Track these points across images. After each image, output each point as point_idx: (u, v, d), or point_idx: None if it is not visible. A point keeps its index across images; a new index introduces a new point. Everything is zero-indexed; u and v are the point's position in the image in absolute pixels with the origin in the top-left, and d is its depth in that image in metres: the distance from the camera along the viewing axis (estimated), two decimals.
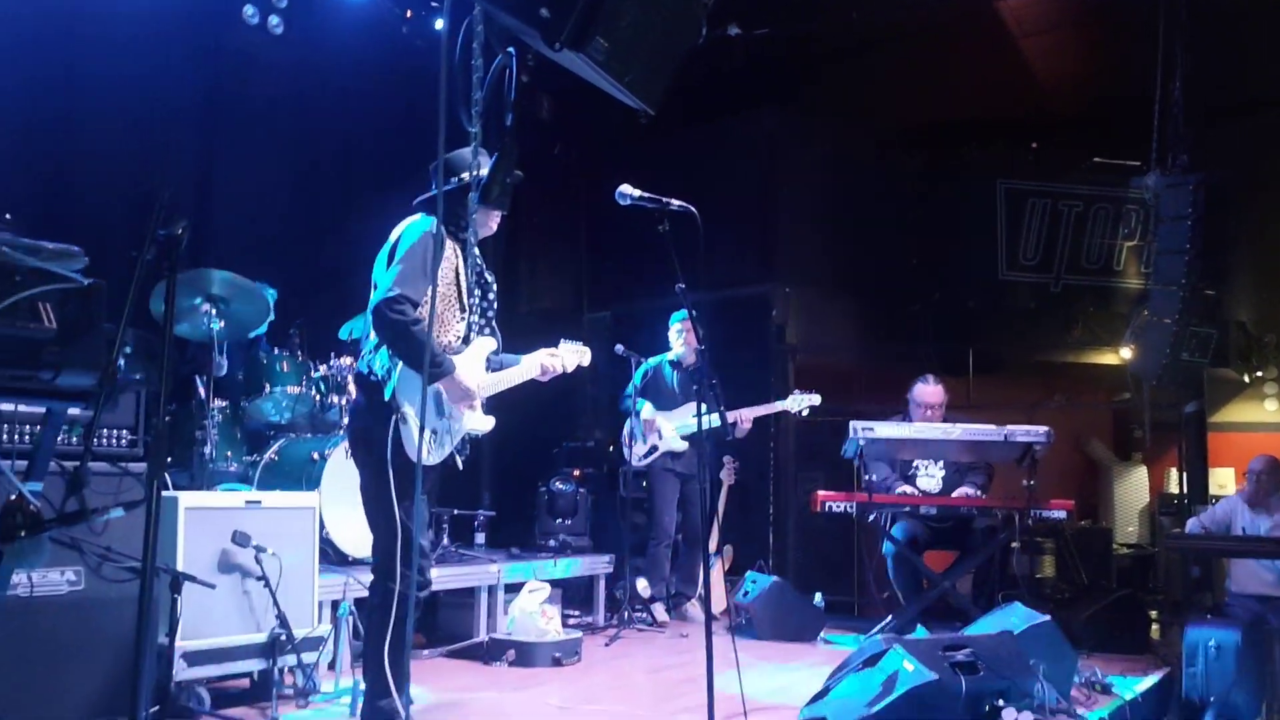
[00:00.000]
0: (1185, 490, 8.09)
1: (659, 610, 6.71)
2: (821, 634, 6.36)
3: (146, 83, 6.25)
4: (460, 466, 3.89)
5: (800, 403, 6.52)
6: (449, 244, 3.74)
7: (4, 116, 5.63)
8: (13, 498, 2.16)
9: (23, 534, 2.04)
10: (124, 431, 4.08)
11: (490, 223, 3.90)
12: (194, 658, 4.01)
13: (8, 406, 3.34)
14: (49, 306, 2.09)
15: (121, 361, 2.24)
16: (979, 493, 6.17)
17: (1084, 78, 8.33)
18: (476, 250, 3.88)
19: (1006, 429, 5.76)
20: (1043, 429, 5.75)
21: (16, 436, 3.58)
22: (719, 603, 6.81)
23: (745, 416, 6.47)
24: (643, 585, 6.68)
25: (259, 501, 4.45)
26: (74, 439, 3.68)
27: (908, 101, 8.80)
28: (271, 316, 5.60)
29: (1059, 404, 7.91)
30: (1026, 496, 5.70)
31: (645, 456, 6.76)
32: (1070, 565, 6.93)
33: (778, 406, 6.57)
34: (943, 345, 8.55)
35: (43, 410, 2.49)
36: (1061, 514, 5.88)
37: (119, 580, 3.72)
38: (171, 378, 2.33)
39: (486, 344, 3.90)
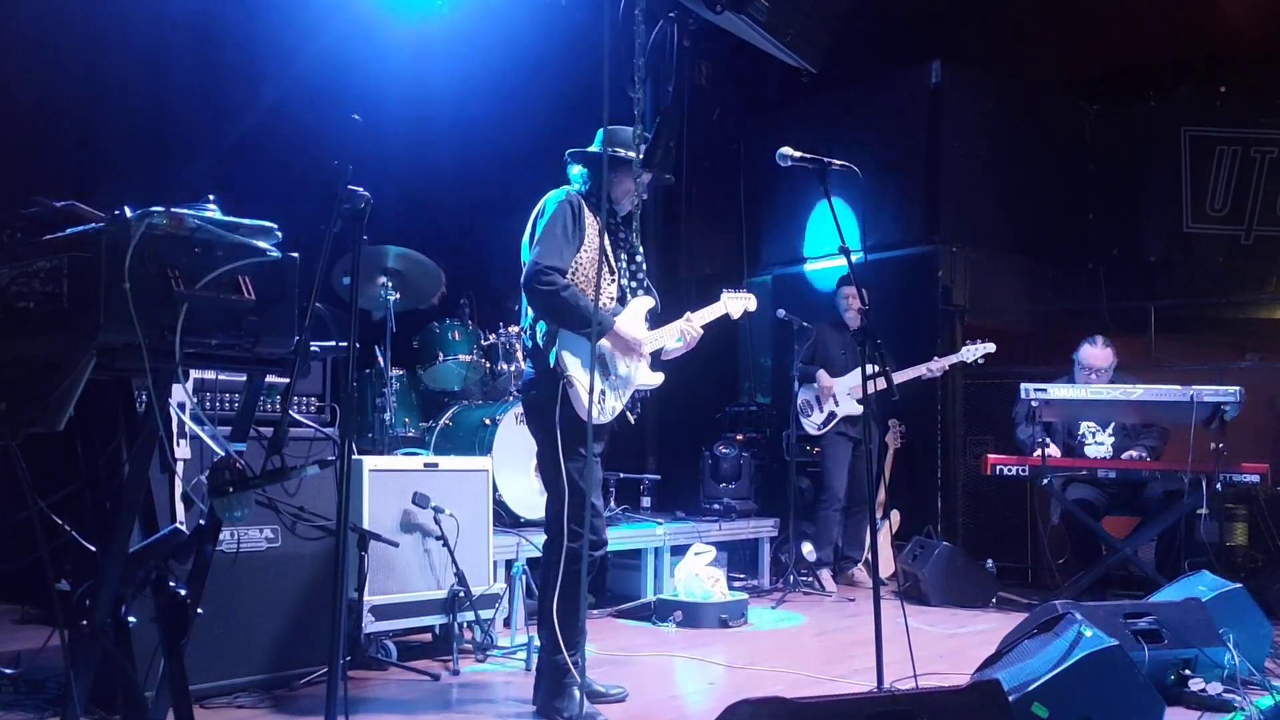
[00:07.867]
0: None
1: (826, 577, 6.68)
2: (993, 600, 6.22)
3: (325, 65, 6.55)
4: (633, 421, 3.98)
5: (975, 352, 6.43)
6: (588, 211, 3.82)
7: (197, 109, 6.02)
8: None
9: (231, 490, 2.22)
10: (312, 399, 4.33)
11: (624, 199, 3.93)
12: (381, 612, 4.25)
13: (209, 375, 3.60)
14: (248, 279, 2.25)
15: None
16: (1149, 456, 5.91)
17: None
18: (616, 217, 3.95)
19: (1194, 389, 5.48)
20: (1233, 389, 5.45)
21: (218, 404, 3.86)
22: (886, 567, 6.75)
23: (928, 370, 6.50)
24: (808, 549, 6.68)
25: (436, 465, 4.65)
26: (267, 406, 3.93)
27: (1080, 49, 8.38)
28: (444, 290, 5.80)
29: (1252, 363, 7.42)
30: (1216, 460, 5.43)
31: (824, 425, 6.74)
32: (1265, 532, 6.54)
33: (951, 359, 6.47)
34: (1122, 303, 8.17)
35: (241, 378, 2.69)
36: (1255, 478, 5.58)
37: (310, 538, 3.97)
38: (358, 347, 2.46)
39: (644, 302, 3.98)
